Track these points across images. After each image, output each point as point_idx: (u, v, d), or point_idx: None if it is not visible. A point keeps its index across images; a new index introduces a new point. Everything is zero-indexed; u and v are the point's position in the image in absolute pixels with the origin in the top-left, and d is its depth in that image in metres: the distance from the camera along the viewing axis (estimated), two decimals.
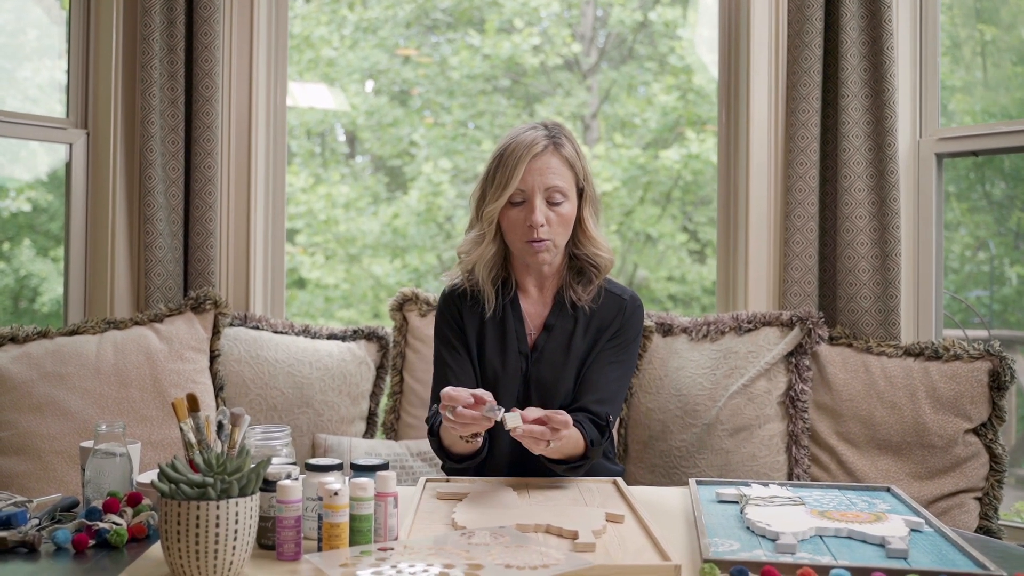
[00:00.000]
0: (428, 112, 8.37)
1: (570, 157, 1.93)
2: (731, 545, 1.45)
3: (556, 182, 1.90)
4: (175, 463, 1.34)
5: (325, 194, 8.13)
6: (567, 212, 1.92)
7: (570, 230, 1.96)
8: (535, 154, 1.90)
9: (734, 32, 2.75)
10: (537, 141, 1.91)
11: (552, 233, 1.92)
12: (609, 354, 1.99)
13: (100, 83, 2.76)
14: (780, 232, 2.65)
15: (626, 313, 2.01)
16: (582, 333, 1.99)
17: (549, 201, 1.91)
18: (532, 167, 1.90)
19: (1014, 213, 5.99)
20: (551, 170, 1.90)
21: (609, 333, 1.99)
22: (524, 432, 1.69)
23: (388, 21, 8.37)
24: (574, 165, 1.94)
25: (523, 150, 1.90)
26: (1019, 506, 3.31)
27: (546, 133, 1.93)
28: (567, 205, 1.92)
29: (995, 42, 5.23)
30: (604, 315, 2.00)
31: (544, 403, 1.96)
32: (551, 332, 2.00)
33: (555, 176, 1.90)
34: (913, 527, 1.56)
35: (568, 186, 1.92)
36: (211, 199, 2.70)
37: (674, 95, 7.95)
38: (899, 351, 2.41)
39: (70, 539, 1.49)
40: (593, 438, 1.89)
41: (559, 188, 1.90)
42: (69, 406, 2.36)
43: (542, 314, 2.02)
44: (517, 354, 1.99)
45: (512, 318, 2.01)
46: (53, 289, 6.05)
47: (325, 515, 1.39)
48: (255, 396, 2.55)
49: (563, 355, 1.98)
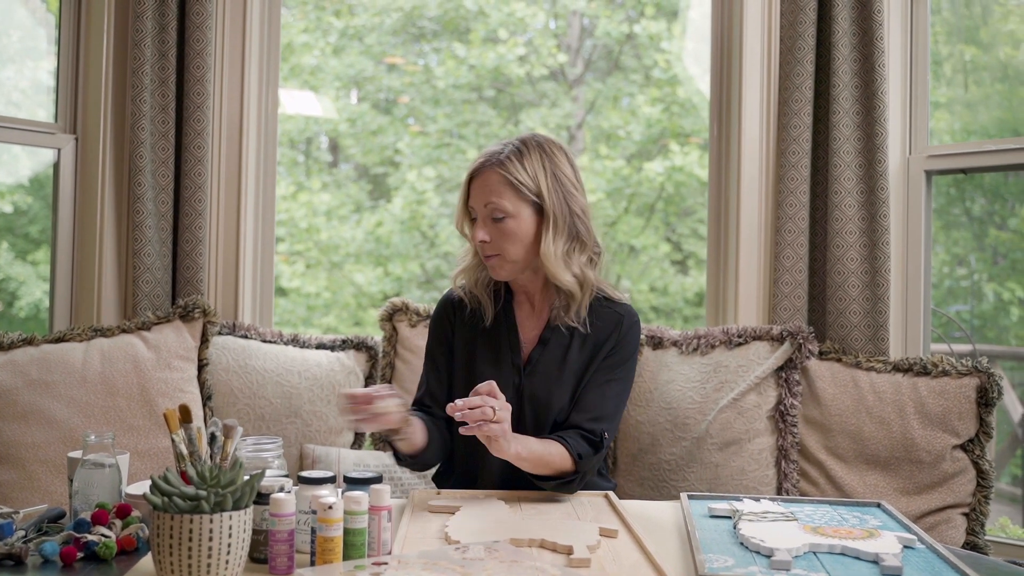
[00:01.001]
0: (413, 120, 8.37)
1: (514, 174, 1.89)
2: (726, 561, 1.45)
3: (492, 199, 1.90)
4: (167, 475, 1.33)
5: (306, 202, 8.10)
6: (510, 228, 1.90)
7: (523, 245, 1.92)
8: (474, 171, 1.94)
9: (726, 47, 2.76)
10: (483, 159, 1.93)
11: (497, 248, 1.91)
12: (606, 371, 1.97)
13: (90, 88, 2.74)
14: (770, 246, 2.65)
15: (623, 328, 1.99)
16: (578, 347, 1.98)
17: (492, 218, 1.91)
18: (475, 185, 1.93)
19: (991, 230, 6.05)
20: (488, 187, 1.91)
21: (606, 349, 1.97)
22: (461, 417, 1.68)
23: (374, 29, 8.36)
24: (518, 181, 1.89)
25: (471, 168, 1.95)
26: (1003, 521, 3.32)
27: (499, 151, 1.93)
28: (510, 221, 1.90)
29: (975, 61, 5.29)
30: (601, 328, 1.98)
31: (538, 417, 1.95)
32: (546, 346, 1.98)
33: (491, 193, 1.90)
34: (906, 544, 1.56)
35: (509, 203, 1.89)
36: (201, 206, 2.68)
37: (658, 107, 7.98)
38: (888, 366, 2.42)
39: (58, 552, 1.48)
40: (581, 452, 1.86)
41: (496, 205, 1.89)
42: (54, 415, 2.34)
43: (537, 327, 2.01)
44: (511, 366, 1.98)
45: (506, 330, 2.00)
46: (31, 293, 6.00)
47: (319, 529, 1.37)
48: (243, 406, 2.54)
49: (558, 369, 1.96)
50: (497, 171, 1.90)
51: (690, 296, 8.15)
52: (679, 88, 7.88)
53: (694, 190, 7.98)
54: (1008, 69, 5.30)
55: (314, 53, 8.17)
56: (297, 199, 8.13)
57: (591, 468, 1.90)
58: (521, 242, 1.92)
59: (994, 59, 5.31)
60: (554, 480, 1.85)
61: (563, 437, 1.88)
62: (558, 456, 1.84)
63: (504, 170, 1.90)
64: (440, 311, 2.08)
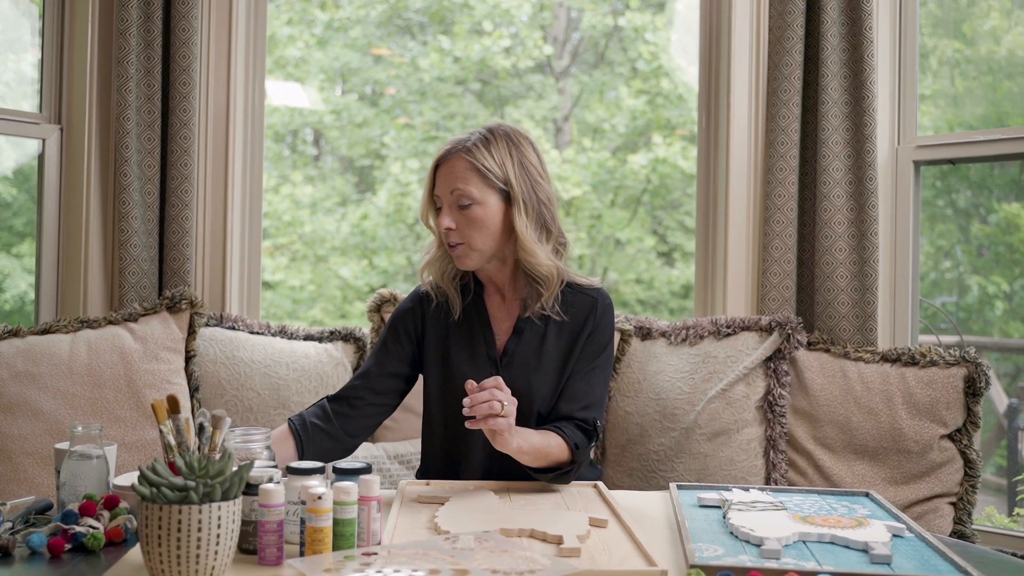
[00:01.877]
0: (399, 111, 8.34)
1: (480, 160, 1.89)
2: (716, 550, 1.45)
3: (458, 185, 1.89)
4: (156, 466, 1.32)
5: (288, 194, 8.07)
6: (476, 215, 1.89)
7: (490, 234, 1.91)
8: (440, 159, 1.93)
9: (715, 37, 2.76)
10: (448, 147, 1.93)
11: (463, 236, 1.90)
12: (589, 359, 1.98)
13: (75, 78, 2.71)
14: (759, 237, 2.66)
15: (598, 312, 1.99)
16: (554, 336, 1.97)
17: (458, 205, 1.90)
18: (440, 172, 1.93)
19: (974, 224, 6.09)
20: (454, 173, 1.90)
21: (584, 334, 1.97)
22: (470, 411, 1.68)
23: (360, 22, 8.33)
24: (485, 168, 1.89)
25: (436, 156, 1.94)
26: (990, 511, 3.34)
27: (465, 138, 1.93)
28: (476, 208, 1.89)
29: (958, 55, 5.32)
30: (576, 315, 1.98)
31: (519, 409, 1.94)
32: (521, 336, 1.97)
33: (456, 179, 1.89)
34: (895, 532, 1.57)
35: (475, 189, 1.89)
36: (187, 197, 2.67)
37: (643, 99, 7.98)
38: (876, 357, 2.43)
39: (45, 543, 1.46)
40: (577, 442, 1.87)
41: (462, 191, 1.89)
42: (41, 406, 2.32)
43: (510, 318, 2.00)
44: (486, 359, 1.97)
45: (478, 323, 1.99)
46: (16, 286, 5.95)
47: (308, 519, 1.37)
48: (231, 397, 2.52)
49: (535, 359, 1.95)
50: (463, 158, 1.90)
51: (676, 288, 8.17)
52: (665, 80, 7.88)
53: (679, 182, 7.99)
54: (991, 63, 5.33)
55: (298, 45, 8.13)
56: (279, 192, 8.09)
57: (586, 458, 1.91)
58: (487, 230, 1.91)
59: (977, 53, 5.34)
60: (551, 472, 1.85)
61: (559, 427, 1.89)
62: (556, 447, 1.84)
63: (471, 156, 1.90)
64: (408, 306, 2.05)
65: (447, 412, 1.99)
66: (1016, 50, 5.22)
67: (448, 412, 1.98)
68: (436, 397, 2.01)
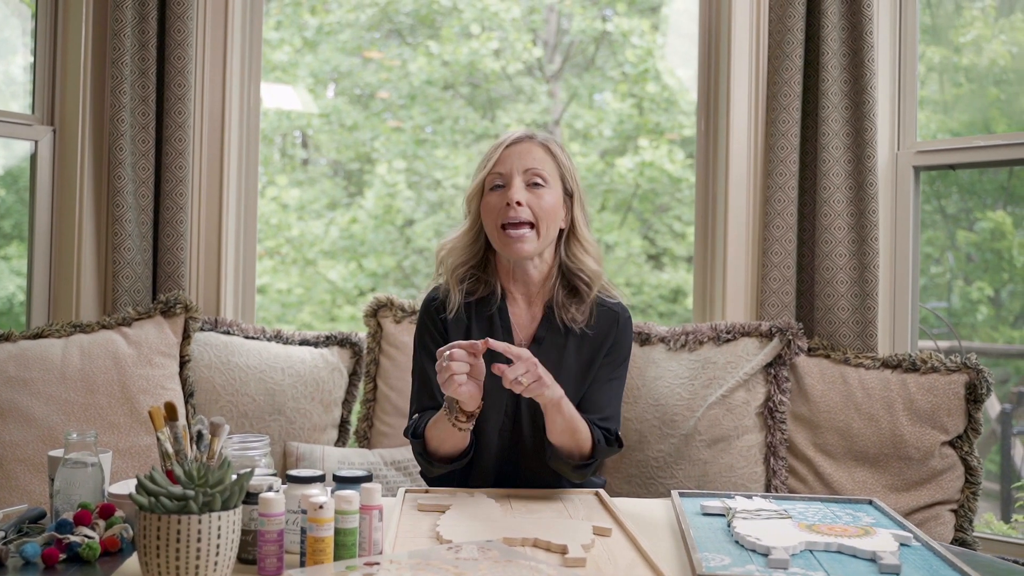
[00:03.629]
0: (389, 115, 8.32)
1: (555, 151, 1.93)
2: (723, 560, 1.43)
3: (536, 165, 1.89)
4: (154, 474, 1.29)
5: (274, 197, 8.03)
6: (550, 200, 1.88)
7: (555, 223, 1.91)
8: (514, 140, 1.92)
9: (714, 42, 2.75)
10: (518, 133, 1.94)
11: (533, 216, 1.87)
12: (609, 370, 1.97)
13: (68, 79, 2.68)
14: (759, 242, 2.64)
15: (620, 326, 1.97)
16: (575, 348, 1.95)
17: (530, 184, 1.88)
18: (510, 151, 1.91)
19: (959, 232, 6.10)
20: (531, 154, 1.90)
21: (605, 348, 1.95)
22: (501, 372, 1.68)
23: (350, 25, 8.30)
24: (559, 159, 1.92)
25: (503, 139, 1.93)
26: (988, 517, 3.34)
27: (531, 131, 1.95)
28: (550, 193, 1.89)
29: (944, 63, 5.34)
30: (599, 329, 1.96)
31: (535, 419, 1.91)
32: (541, 345, 1.94)
33: (535, 160, 1.89)
34: (902, 541, 1.55)
35: (550, 174, 1.90)
36: (182, 200, 2.64)
37: (630, 102, 7.97)
38: (876, 363, 2.42)
39: (39, 553, 1.44)
40: (598, 438, 1.87)
41: (539, 171, 1.88)
42: (33, 413, 2.29)
43: (532, 325, 1.97)
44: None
45: (500, 328, 1.96)
46: (4, 288, 5.90)
47: (309, 529, 1.34)
48: (226, 403, 2.49)
49: (555, 369, 1.91)
50: (541, 143, 1.92)
51: (666, 292, 8.16)
52: (654, 84, 7.87)
53: (667, 186, 7.98)
54: (976, 71, 5.36)
55: (285, 50, 8.10)
56: (265, 195, 8.05)
57: (602, 460, 1.92)
58: (553, 217, 1.90)
59: (963, 61, 5.37)
60: (569, 462, 1.84)
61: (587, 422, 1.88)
62: (584, 432, 1.83)
63: (548, 144, 1.93)
64: (428, 316, 2.00)
65: None
66: (997, 59, 5.25)
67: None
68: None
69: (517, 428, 1.94)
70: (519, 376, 1.67)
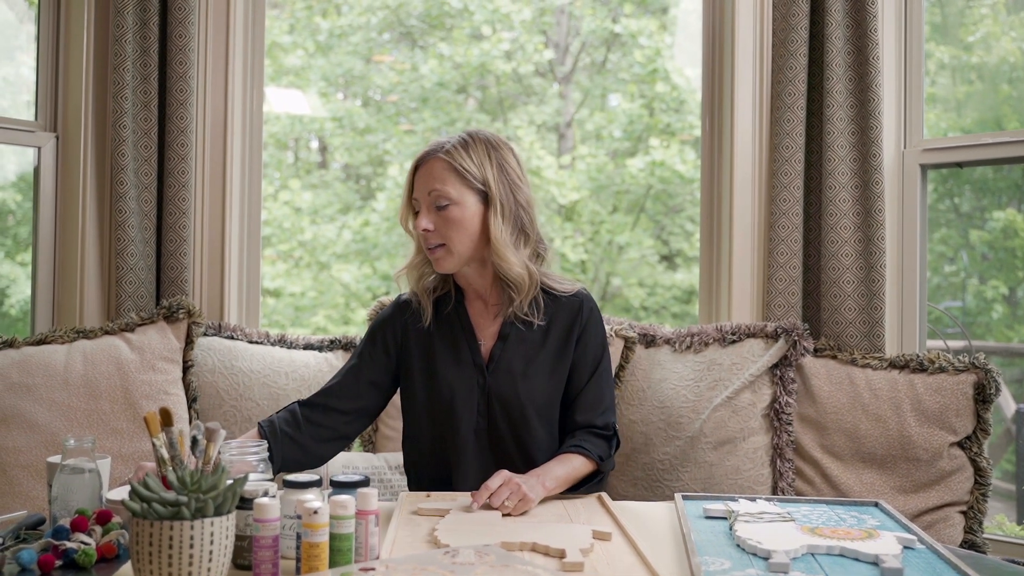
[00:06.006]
0: (402, 119, 8.33)
1: (459, 162, 1.89)
2: (723, 564, 1.42)
3: (435, 185, 1.89)
4: (147, 480, 1.28)
5: (287, 201, 8.06)
6: (454, 215, 1.88)
7: (469, 236, 1.91)
8: (418, 162, 1.93)
9: (718, 41, 2.73)
10: (427, 149, 1.93)
11: (442, 237, 1.89)
12: (591, 363, 1.98)
13: (70, 85, 2.69)
14: (764, 243, 2.62)
15: (584, 315, 1.99)
16: (541, 340, 1.96)
17: (436, 206, 1.89)
18: (418, 174, 1.93)
19: (971, 231, 6.06)
20: (431, 175, 1.90)
21: (574, 338, 1.97)
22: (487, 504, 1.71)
23: (361, 28, 8.32)
24: (464, 170, 1.89)
25: (416, 159, 1.94)
26: (1000, 518, 3.30)
27: (444, 141, 1.93)
28: (454, 208, 1.88)
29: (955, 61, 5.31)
30: (563, 319, 1.98)
31: (508, 416, 1.94)
32: (506, 341, 1.96)
33: (435, 180, 1.89)
34: (905, 544, 1.53)
35: (453, 190, 1.88)
36: (185, 205, 2.64)
37: (640, 103, 7.95)
38: (884, 363, 2.39)
39: (35, 559, 1.43)
40: (601, 453, 1.91)
41: (439, 191, 1.88)
42: (36, 418, 2.29)
43: (494, 324, 1.98)
44: (472, 366, 1.95)
45: (461, 330, 1.98)
46: (22, 291, 5.93)
47: (304, 534, 1.33)
48: (229, 407, 2.49)
49: (523, 364, 1.94)
50: (442, 159, 1.90)
51: (679, 294, 8.13)
52: (663, 84, 7.85)
53: (678, 187, 7.96)
54: (987, 69, 5.33)
55: (298, 54, 8.12)
56: (278, 199, 8.07)
57: (612, 463, 1.96)
58: (466, 231, 1.90)
59: (974, 59, 5.34)
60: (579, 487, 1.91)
61: (580, 445, 1.90)
62: (581, 468, 1.89)
63: (449, 157, 1.90)
64: (388, 315, 2.04)
65: (435, 422, 1.97)
66: (1007, 57, 5.22)
67: (436, 422, 1.97)
68: (423, 407, 1.98)
69: (493, 426, 1.94)
70: (504, 502, 1.69)
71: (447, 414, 1.94)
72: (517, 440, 1.94)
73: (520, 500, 1.70)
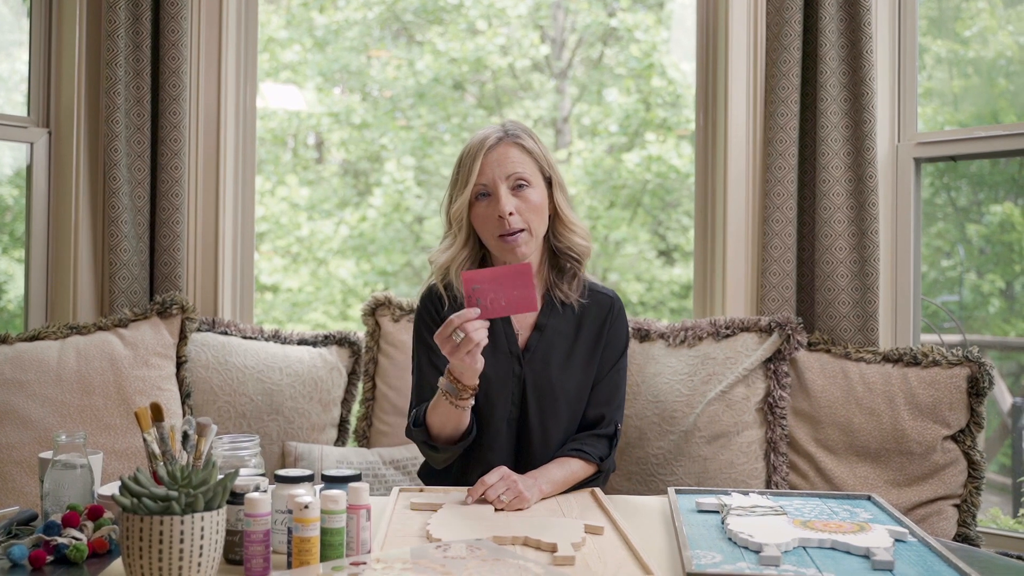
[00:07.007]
0: (399, 114, 8.32)
1: (528, 147, 1.92)
2: (713, 557, 1.42)
3: (516, 169, 1.89)
4: (138, 475, 1.28)
5: (285, 197, 8.05)
6: (536, 199, 1.89)
7: (544, 218, 1.93)
8: (489, 146, 1.91)
9: (712, 35, 2.72)
10: (490, 135, 1.92)
11: (524, 221, 1.88)
12: (611, 361, 2.00)
13: (63, 81, 2.68)
14: (758, 237, 2.62)
15: (614, 311, 2.02)
16: (574, 332, 1.98)
17: (514, 189, 1.89)
18: (489, 159, 1.90)
19: (968, 225, 6.06)
20: (509, 159, 1.89)
21: (604, 333, 1.99)
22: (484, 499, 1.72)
23: (357, 23, 8.30)
24: (534, 153, 1.92)
25: (478, 146, 1.92)
26: (994, 512, 3.30)
27: (500, 128, 1.94)
28: (534, 192, 1.89)
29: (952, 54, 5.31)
30: (596, 314, 2.00)
31: (542, 407, 1.93)
32: (543, 332, 1.97)
33: (514, 164, 1.89)
34: (897, 537, 1.54)
35: (531, 173, 1.90)
36: (178, 200, 2.63)
37: (636, 98, 7.94)
38: (877, 357, 2.39)
39: (27, 555, 1.43)
40: (601, 455, 1.93)
41: (521, 175, 1.89)
42: (29, 414, 2.29)
43: (531, 314, 1.97)
44: (508, 355, 1.94)
45: (499, 320, 1.96)
46: (20, 287, 5.92)
47: (295, 529, 1.33)
48: (223, 403, 2.49)
49: (562, 356, 1.96)
50: (516, 143, 1.91)
51: (676, 288, 8.13)
52: (659, 79, 7.84)
53: (676, 181, 7.95)
54: (983, 62, 5.33)
55: (295, 49, 8.11)
56: (275, 194, 8.06)
57: (613, 463, 1.99)
58: (543, 213, 1.92)
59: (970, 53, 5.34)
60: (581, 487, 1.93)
61: (581, 449, 1.91)
62: (579, 472, 1.90)
63: (521, 141, 1.92)
64: (425, 309, 2.01)
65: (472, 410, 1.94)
66: (1004, 51, 5.22)
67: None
68: None
69: (524, 417, 1.94)
70: (500, 495, 1.70)
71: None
72: (544, 431, 1.94)
73: (516, 497, 1.70)
